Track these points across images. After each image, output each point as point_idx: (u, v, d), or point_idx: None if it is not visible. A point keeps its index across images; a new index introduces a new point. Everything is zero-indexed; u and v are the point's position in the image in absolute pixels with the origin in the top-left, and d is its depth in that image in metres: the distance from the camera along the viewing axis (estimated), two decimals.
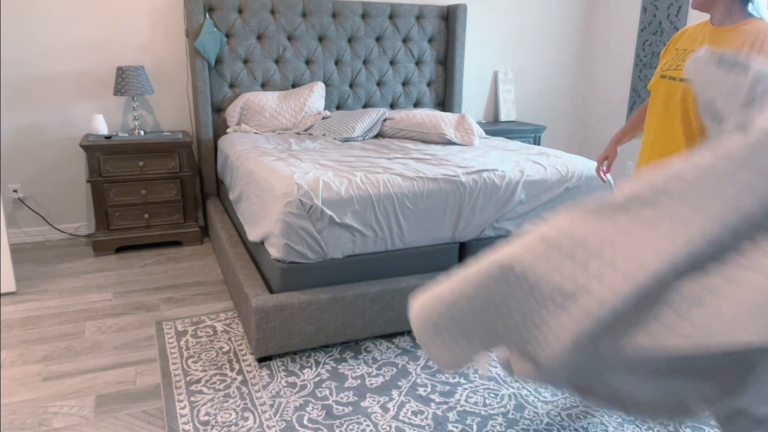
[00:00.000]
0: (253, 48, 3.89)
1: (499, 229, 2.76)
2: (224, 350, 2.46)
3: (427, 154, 3.06)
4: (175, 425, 1.97)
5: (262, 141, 3.45)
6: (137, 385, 2.22)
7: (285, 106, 3.86)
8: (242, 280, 2.49)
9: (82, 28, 3.62)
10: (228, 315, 2.79)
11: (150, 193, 3.60)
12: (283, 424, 1.99)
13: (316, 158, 2.90)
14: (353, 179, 2.49)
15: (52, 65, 3.61)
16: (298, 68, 4.04)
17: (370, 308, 2.47)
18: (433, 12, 4.31)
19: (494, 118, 4.96)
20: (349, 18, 4.08)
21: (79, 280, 3.19)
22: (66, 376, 2.28)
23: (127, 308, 2.87)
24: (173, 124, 3.98)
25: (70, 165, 3.79)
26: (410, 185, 2.54)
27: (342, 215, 2.40)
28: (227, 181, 3.34)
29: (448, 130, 3.52)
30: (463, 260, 2.75)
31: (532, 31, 4.90)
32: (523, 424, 2.02)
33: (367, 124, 3.67)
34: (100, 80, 3.73)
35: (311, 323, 2.38)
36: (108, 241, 3.57)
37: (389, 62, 4.29)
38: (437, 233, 2.63)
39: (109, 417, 2.03)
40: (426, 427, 2.00)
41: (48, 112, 3.66)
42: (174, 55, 3.86)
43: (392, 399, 2.15)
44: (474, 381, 2.28)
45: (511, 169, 2.78)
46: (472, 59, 4.75)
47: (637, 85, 4.65)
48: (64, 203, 3.83)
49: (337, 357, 2.43)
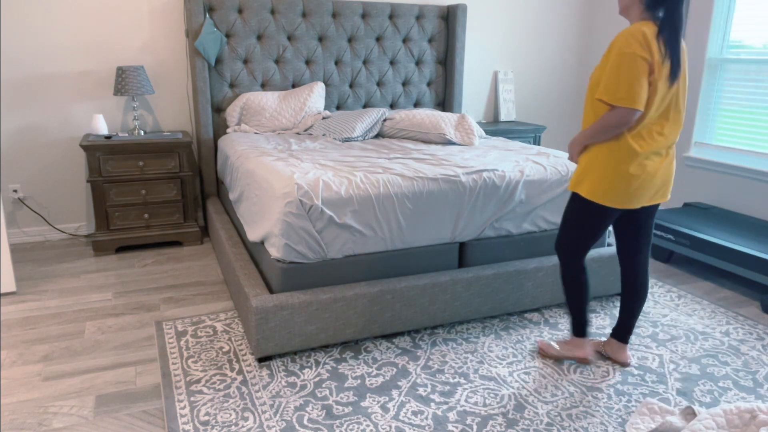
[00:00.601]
0: (253, 48, 3.89)
1: (499, 229, 2.76)
2: (224, 350, 2.46)
3: (427, 154, 3.06)
4: (175, 425, 1.97)
5: (262, 141, 3.45)
6: (137, 385, 2.22)
7: (285, 106, 3.86)
8: (242, 280, 2.49)
9: (82, 28, 3.62)
10: (228, 315, 2.79)
11: (150, 193, 3.60)
12: (283, 424, 1.99)
13: (316, 158, 2.90)
14: (353, 179, 2.49)
15: (52, 65, 3.61)
16: (298, 68, 4.04)
17: (370, 308, 2.47)
18: (433, 12, 4.31)
19: (494, 118, 4.96)
20: (349, 18, 4.08)
21: (79, 280, 3.19)
22: (66, 376, 2.28)
23: (127, 308, 2.87)
24: (173, 124, 3.98)
25: (70, 165, 3.79)
26: (410, 185, 2.54)
27: (342, 215, 2.40)
28: (227, 181, 3.34)
29: (448, 130, 3.52)
30: (462, 260, 2.75)
31: (532, 31, 4.90)
32: (523, 424, 2.02)
33: (367, 124, 3.67)
34: (100, 80, 3.73)
35: (311, 323, 2.38)
36: (108, 241, 3.57)
37: (389, 62, 4.29)
38: (437, 233, 2.63)
39: (109, 417, 2.03)
40: (426, 427, 2.00)
41: (48, 112, 3.66)
42: (174, 55, 3.86)
43: (392, 399, 2.15)
44: (474, 381, 2.27)
45: (511, 169, 2.78)
46: (472, 59, 4.75)
47: None
48: (64, 203, 3.83)
49: (337, 357, 2.43)
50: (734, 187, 3.97)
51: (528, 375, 2.33)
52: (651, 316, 2.87)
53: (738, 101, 3.97)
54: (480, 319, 2.80)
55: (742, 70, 3.92)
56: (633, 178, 2.10)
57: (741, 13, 3.91)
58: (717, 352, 2.54)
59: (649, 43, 1.97)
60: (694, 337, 2.67)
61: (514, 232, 2.81)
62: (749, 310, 3.00)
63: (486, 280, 2.67)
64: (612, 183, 2.11)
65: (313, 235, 2.37)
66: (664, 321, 2.82)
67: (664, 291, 3.19)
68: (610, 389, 2.24)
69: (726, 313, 2.93)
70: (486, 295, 2.69)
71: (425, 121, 3.59)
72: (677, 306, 3.00)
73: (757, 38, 3.81)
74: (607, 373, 2.36)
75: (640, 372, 2.36)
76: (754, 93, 3.85)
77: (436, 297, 2.59)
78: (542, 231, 2.88)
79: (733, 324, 2.81)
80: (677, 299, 3.08)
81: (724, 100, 4.07)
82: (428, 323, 2.62)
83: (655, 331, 2.72)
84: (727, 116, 4.06)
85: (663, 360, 2.46)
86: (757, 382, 2.32)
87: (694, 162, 4.25)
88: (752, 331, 2.75)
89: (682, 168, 4.36)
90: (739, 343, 2.63)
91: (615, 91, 1.99)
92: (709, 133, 4.20)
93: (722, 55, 4.05)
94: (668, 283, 3.31)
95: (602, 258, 2.92)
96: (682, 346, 2.58)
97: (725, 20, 4.01)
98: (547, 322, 2.78)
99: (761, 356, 2.52)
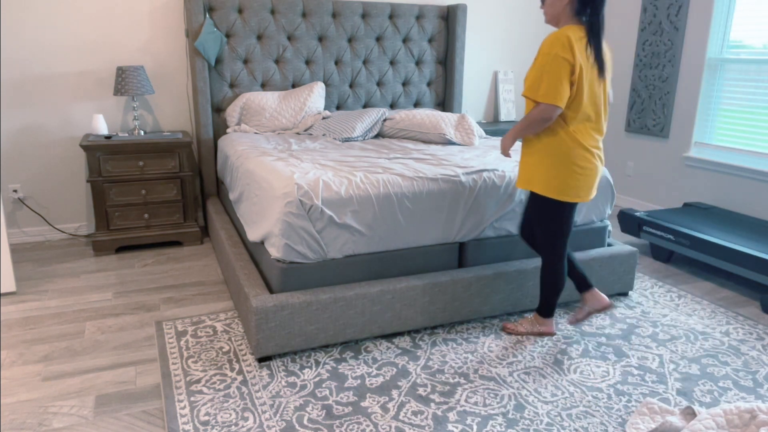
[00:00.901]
0: (253, 48, 3.89)
1: (499, 229, 2.76)
2: (224, 350, 2.46)
3: (427, 154, 3.06)
4: (175, 425, 1.97)
5: (262, 141, 3.45)
6: (137, 385, 2.22)
7: (285, 106, 3.86)
8: (242, 280, 2.49)
9: (82, 28, 3.62)
10: (228, 315, 2.79)
11: (150, 193, 3.60)
12: (283, 424, 1.99)
13: (316, 158, 2.90)
14: (353, 179, 2.49)
15: (52, 65, 3.61)
16: (298, 68, 4.04)
17: (370, 308, 2.47)
18: (433, 12, 4.31)
19: (494, 118, 4.96)
20: (349, 18, 4.08)
21: (79, 280, 3.19)
22: (66, 376, 2.28)
23: (127, 308, 2.87)
24: (173, 124, 3.98)
25: (70, 165, 3.79)
26: (410, 185, 2.54)
27: (342, 215, 2.40)
28: (227, 181, 3.34)
29: (448, 130, 3.52)
30: (462, 260, 2.75)
31: (532, 31, 4.90)
32: (523, 424, 2.02)
33: (367, 124, 3.67)
34: (100, 80, 3.73)
35: (311, 323, 2.38)
36: (108, 241, 3.57)
37: (389, 62, 4.29)
38: (437, 233, 2.63)
39: (109, 417, 2.03)
40: (426, 427, 1.99)
41: (48, 112, 3.66)
42: (174, 55, 3.86)
43: (392, 399, 2.15)
44: (474, 381, 2.27)
45: (511, 169, 2.78)
46: (472, 59, 4.75)
47: (637, 85, 4.64)
48: (64, 203, 3.83)
49: (337, 357, 2.43)
50: (734, 187, 3.97)
51: (528, 375, 2.33)
52: (651, 316, 2.87)
53: (738, 101, 3.97)
54: (480, 319, 2.80)
55: (742, 70, 3.92)
56: (582, 171, 2.28)
57: (741, 13, 3.91)
58: (717, 352, 2.54)
59: (572, 46, 2.14)
60: (694, 337, 2.67)
61: (514, 232, 2.81)
62: (749, 310, 3.00)
63: (486, 280, 2.67)
64: (564, 179, 2.27)
65: (313, 235, 2.37)
66: (664, 321, 2.82)
67: (664, 291, 3.19)
68: (610, 389, 2.24)
69: (726, 313, 2.93)
70: (486, 295, 2.69)
71: (425, 121, 3.59)
72: (677, 306, 3.00)
73: (757, 38, 3.81)
74: (607, 373, 2.36)
75: (640, 372, 2.37)
76: (754, 93, 3.85)
77: (436, 297, 2.59)
78: None
79: (733, 324, 2.81)
80: (677, 299, 3.08)
81: (724, 100, 4.07)
82: (428, 323, 2.62)
83: (655, 331, 2.72)
84: (727, 116, 4.06)
85: (663, 360, 2.46)
86: (757, 382, 2.32)
87: (694, 162, 4.25)
88: (752, 331, 2.75)
89: (682, 168, 4.36)
90: (739, 343, 2.63)
91: (538, 88, 2.17)
92: (709, 133, 4.20)
93: (722, 55, 4.05)
94: (668, 283, 3.31)
95: (602, 258, 2.92)
96: (682, 346, 2.58)
97: (725, 20, 4.01)
98: None
99: (761, 356, 2.52)
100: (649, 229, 3.63)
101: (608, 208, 3.02)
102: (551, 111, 2.17)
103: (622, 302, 3.02)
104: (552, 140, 2.26)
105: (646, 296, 3.11)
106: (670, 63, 4.35)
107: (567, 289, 2.89)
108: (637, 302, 3.03)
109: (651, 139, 4.62)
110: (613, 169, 5.05)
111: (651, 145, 4.63)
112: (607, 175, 2.95)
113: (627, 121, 4.80)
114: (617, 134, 4.96)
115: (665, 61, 4.39)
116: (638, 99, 4.66)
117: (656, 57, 4.47)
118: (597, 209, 2.97)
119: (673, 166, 4.45)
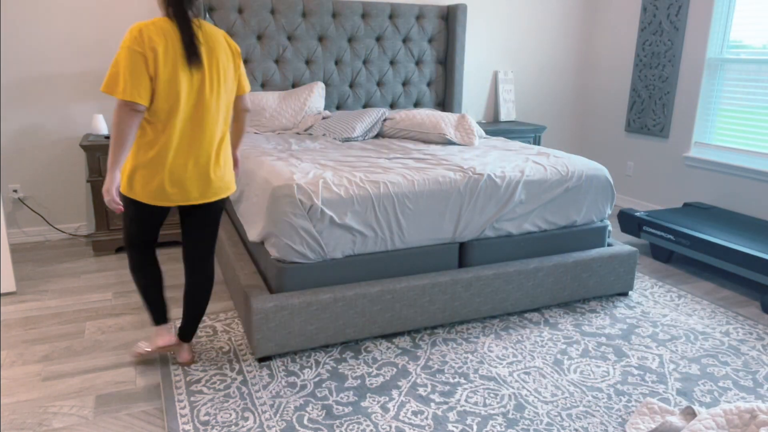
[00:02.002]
0: (253, 48, 3.89)
1: (499, 229, 2.76)
2: (224, 350, 2.46)
3: (427, 154, 3.06)
4: (175, 425, 1.97)
5: (262, 141, 3.45)
6: (137, 385, 2.22)
7: (285, 106, 3.86)
8: (242, 280, 2.49)
9: (82, 28, 3.62)
10: (228, 315, 2.79)
11: None
12: (283, 424, 1.99)
13: (316, 158, 2.90)
14: (353, 179, 2.49)
15: (52, 65, 3.61)
16: (298, 68, 4.04)
17: (370, 308, 2.47)
18: (433, 12, 4.31)
19: (494, 118, 4.96)
20: (349, 18, 4.08)
21: (79, 280, 3.19)
22: (66, 376, 2.28)
23: (127, 308, 2.87)
24: None
25: (70, 165, 3.79)
26: (410, 185, 2.54)
27: (342, 215, 2.40)
28: None
29: (448, 130, 3.52)
30: (462, 260, 2.75)
31: (532, 31, 4.90)
32: (523, 424, 2.02)
33: (367, 124, 3.67)
34: (100, 80, 3.73)
35: (311, 323, 2.38)
36: (108, 241, 3.57)
37: (389, 62, 4.29)
38: (437, 233, 2.63)
39: (109, 417, 2.03)
40: (426, 427, 2.00)
41: (48, 112, 3.66)
42: None
43: (392, 399, 2.15)
44: (474, 381, 2.27)
45: (511, 169, 2.78)
46: (472, 59, 4.75)
47: (637, 85, 4.65)
48: (64, 203, 3.83)
49: (337, 357, 2.43)
50: (734, 187, 3.97)
51: (528, 375, 2.33)
52: (651, 316, 2.87)
53: (738, 101, 3.97)
54: (480, 319, 2.80)
55: (741, 70, 3.92)
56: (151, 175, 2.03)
57: (741, 13, 3.91)
58: (717, 352, 2.54)
59: (149, 37, 1.92)
60: (694, 337, 2.67)
61: (514, 232, 2.81)
62: (749, 310, 3.00)
63: (486, 280, 2.67)
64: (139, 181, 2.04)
65: (313, 235, 2.37)
66: (664, 321, 2.82)
67: (664, 291, 3.19)
68: (610, 389, 2.24)
69: (726, 313, 2.93)
70: (486, 295, 2.69)
71: (425, 121, 3.59)
72: (677, 306, 3.00)
73: (757, 38, 3.81)
74: (607, 373, 2.36)
75: (640, 372, 2.37)
76: (753, 93, 3.85)
77: (436, 297, 2.59)
78: (542, 231, 2.88)
79: (733, 324, 2.81)
80: (677, 299, 3.08)
81: (723, 100, 4.07)
82: (428, 323, 2.62)
83: (655, 331, 2.72)
84: (727, 116, 4.06)
85: (663, 360, 2.46)
86: (757, 382, 2.32)
87: (694, 162, 4.25)
88: (752, 331, 2.75)
89: (682, 168, 4.37)
90: (739, 343, 2.63)
91: (115, 84, 1.93)
92: (709, 133, 4.20)
93: (722, 55, 4.05)
94: (668, 283, 3.31)
95: (602, 258, 2.92)
96: (682, 346, 2.58)
97: (725, 20, 4.01)
98: (547, 322, 2.78)
99: (761, 356, 2.52)
100: (649, 229, 3.63)
101: (608, 208, 3.02)
102: (130, 107, 1.93)
103: (622, 302, 3.03)
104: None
105: (646, 296, 3.11)
106: (670, 63, 4.35)
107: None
108: (637, 302, 3.03)
109: (651, 139, 4.62)
110: (613, 169, 5.05)
111: (651, 145, 4.63)
112: (607, 175, 2.96)
113: (627, 121, 4.80)
114: (617, 134, 4.96)
115: (665, 61, 4.39)
116: (638, 99, 4.66)
117: (656, 57, 4.47)
118: (597, 209, 2.98)
119: (673, 166, 4.45)
